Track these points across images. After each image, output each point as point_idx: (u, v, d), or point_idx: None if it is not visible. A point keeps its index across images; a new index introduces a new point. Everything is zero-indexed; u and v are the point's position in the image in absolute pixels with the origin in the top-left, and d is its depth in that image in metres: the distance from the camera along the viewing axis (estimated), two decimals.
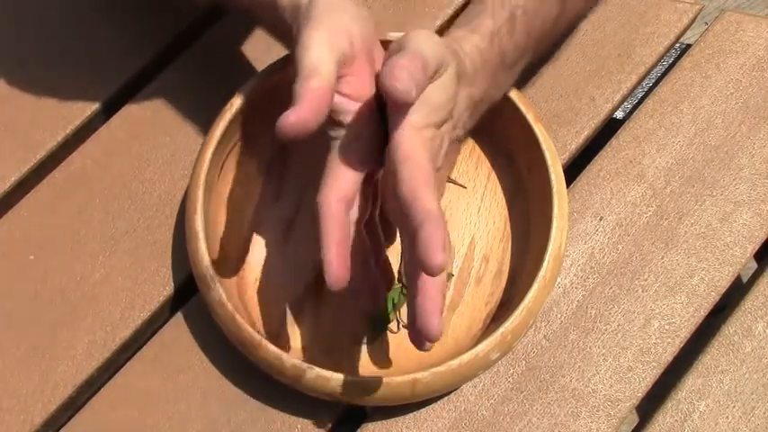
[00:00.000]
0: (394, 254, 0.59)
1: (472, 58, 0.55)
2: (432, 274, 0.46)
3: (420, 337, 0.50)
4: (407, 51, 0.49)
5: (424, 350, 0.51)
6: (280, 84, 0.59)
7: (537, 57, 0.61)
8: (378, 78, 0.49)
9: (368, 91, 0.53)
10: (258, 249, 0.63)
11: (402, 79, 0.47)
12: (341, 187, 0.51)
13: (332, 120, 0.52)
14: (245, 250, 0.63)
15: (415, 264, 0.47)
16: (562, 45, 0.70)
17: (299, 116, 0.47)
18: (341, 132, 0.52)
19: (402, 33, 0.53)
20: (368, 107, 0.52)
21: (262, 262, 0.63)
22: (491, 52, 0.56)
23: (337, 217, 0.50)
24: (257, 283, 0.62)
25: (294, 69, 0.50)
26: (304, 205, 0.64)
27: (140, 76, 0.70)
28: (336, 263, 0.48)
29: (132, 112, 0.68)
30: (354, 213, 0.52)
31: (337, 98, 0.51)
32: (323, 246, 0.49)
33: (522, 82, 0.61)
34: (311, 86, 0.48)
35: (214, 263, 0.58)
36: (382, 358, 0.61)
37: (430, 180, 0.49)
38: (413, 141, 0.49)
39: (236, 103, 0.61)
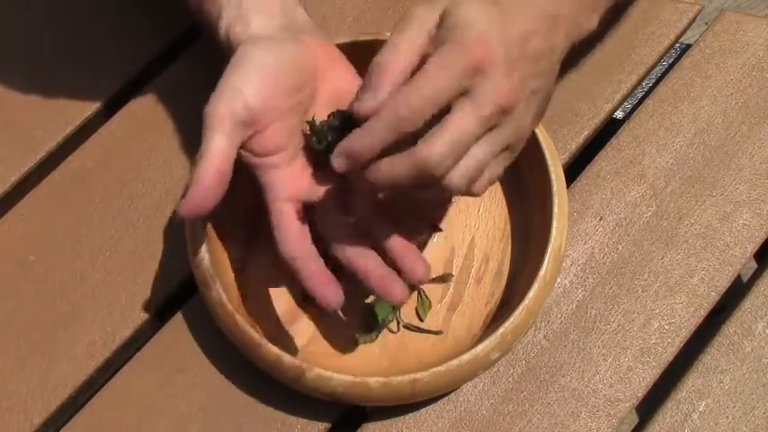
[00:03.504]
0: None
1: None
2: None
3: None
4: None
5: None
6: None
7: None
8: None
9: (283, 137, 0.54)
10: (258, 249, 0.63)
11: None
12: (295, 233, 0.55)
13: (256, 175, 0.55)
14: (245, 250, 0.63)
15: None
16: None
17: (192, 201, 0.50)
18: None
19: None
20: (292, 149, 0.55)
21: (262, 262, 0.63)
22: None
23: (308, 257, 0.54)
24: (257, 283, 0.62)
25: None
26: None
27: (140, 76, 0.70)
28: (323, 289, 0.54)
29: (132, 112, 0.68)
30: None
31: (248, 156, 0.54)
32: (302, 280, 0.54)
33: None
34: (200, 170, 0.50)
35: (214, 263, 0.58)
36: (382, 358, 0.61)
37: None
38: None
39: None
